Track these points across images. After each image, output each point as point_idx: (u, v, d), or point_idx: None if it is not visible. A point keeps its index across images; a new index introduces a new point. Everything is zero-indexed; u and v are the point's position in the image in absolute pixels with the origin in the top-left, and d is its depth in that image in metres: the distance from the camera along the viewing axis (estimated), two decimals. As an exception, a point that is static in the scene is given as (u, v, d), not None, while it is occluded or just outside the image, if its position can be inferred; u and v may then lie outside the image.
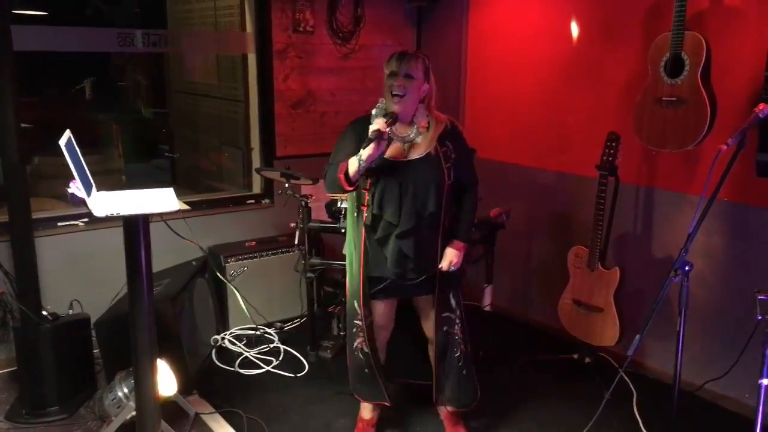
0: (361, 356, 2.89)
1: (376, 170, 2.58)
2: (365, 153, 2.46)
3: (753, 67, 2.98)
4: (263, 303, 4.06)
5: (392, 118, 2.50)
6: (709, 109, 2.97)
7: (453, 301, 2.84)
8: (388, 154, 2.59)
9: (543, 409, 3.27)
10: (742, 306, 3.16)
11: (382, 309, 2.84)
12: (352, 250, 2.78)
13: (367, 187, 2.63)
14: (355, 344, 2.89)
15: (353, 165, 2.50)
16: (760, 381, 2.17)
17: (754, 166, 2.92)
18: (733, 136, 2.34)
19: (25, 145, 3.01)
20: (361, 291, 2.76)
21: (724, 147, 2.32)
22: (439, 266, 2.70)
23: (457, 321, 2.86)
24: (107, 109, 5.74)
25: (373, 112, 2.62)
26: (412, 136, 2.63)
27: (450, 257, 2.70)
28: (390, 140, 2.59)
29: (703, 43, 2.96)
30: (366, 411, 3.05)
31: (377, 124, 2.46)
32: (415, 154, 2.62)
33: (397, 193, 2.58)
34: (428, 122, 2.64)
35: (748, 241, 3.13)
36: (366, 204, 2.65)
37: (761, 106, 2.37)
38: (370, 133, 2.46)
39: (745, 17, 3.03)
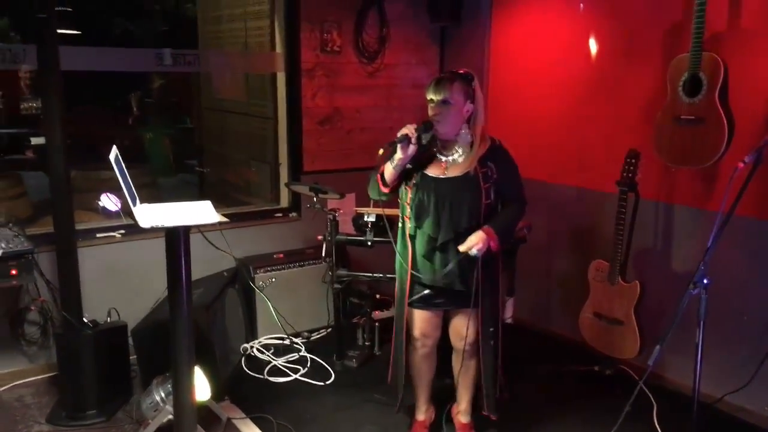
0: (397, 356, 3.02)
1: (417, 185, 2.72)
2: (396, 156, 2.63)
3: (770, 86, 3.06)
4: (290, 313, 4.17)
5: (425, 127, 2.62)
6: (726, 128, 3.05)
7: (494, 315, 2.92)
8: (429, 170, 2.72)
9: (564, 420, 3.33)
10: (760, 319, 3.22)
11: (424, 317, 2.91)
12: (399, 258, 2.90)
13: (408, 202, 2.76)
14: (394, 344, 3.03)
15: (388, 168, 2.68)
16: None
17: (772, 183, 3.00)
18: (750, 154, 2.42)
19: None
20: (405, 297, 2.88)
21: (741, 164, 2.41)
22: (458, 247, 2.68)
23: (498, 333, 2.95)
24: (139, 126, 5.93)
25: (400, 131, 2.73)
26: (454, 156, 2.74)
27: (472, 239, 2.65)
28: (432, 155, 2.72)
29: (721, 63, 3.05)
30: (420, 413, 3.14)
31: (405, 129, 2.61)
32: (455, 173, 2.72)
33: (434, 208, 2.70)
34: (471, 142, 2.73)
35: (765, 255, 3.19)
36: (408, 216, 2.79)
37: (777, 124, 2.45)
38: (397, 137, 2.60)
39: (762, 38, 3.11)
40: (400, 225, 2.88)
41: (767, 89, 3.09)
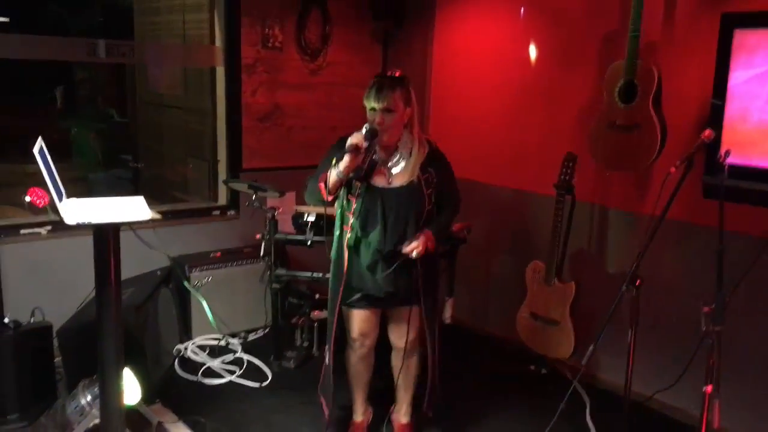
0: (326, 362, 2.98)
1: (361, 195, 2.68)
2: (342, 164, 2.56)
3: (701, 94, 3.17)
4: (227, 313, 4.08)
5: (372, 133, 2.58)
6: (659, 134, 3.15)
7: (431, 314, 2.93)
8: (373, 180, 2.68)
9: (500, 419, 3.37)
10: (689, 319, 3.32)
11: (363, 316, 2.88)
12: (334, 264, 2.86)
13: (351, 211, 2.71)
14: (325, 348, 3.00)
15: (332, 176, 2.60)
16: (704, 388, 2.30)
17: (701, 188, 3.10)
18: (681, 160, 2.50)
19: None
20: (337, 306, 2.84)
21: (673, 169, 2.47)
22: (399, 247, 2.69)
23: (435, 332, 2.95)
24: (70, 119, 5.70)
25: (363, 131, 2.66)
26: (395, 163, 2.71)
27: (414, 242, 2.67)
28: (374, 163, 2.68)
29: (655, 72, 3.14)
30: (358, 414, 3.11)
31: (355, 138, 2.55)
32: (398, 182, 2.70)
33: (380, 219, 2.68)
34: (410, 149, 2.71)
35: (695, 257, 3.31)
36: (350, 226, 2.73)
37: (707, 131, 2.53)
38: (347, 146, 2.55)
39: (693, 48, 3.22)
40: (337, 233, 2.83)
41: (698, 97, 3.19)
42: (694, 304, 3.10)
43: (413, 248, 2.67)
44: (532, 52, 4.01)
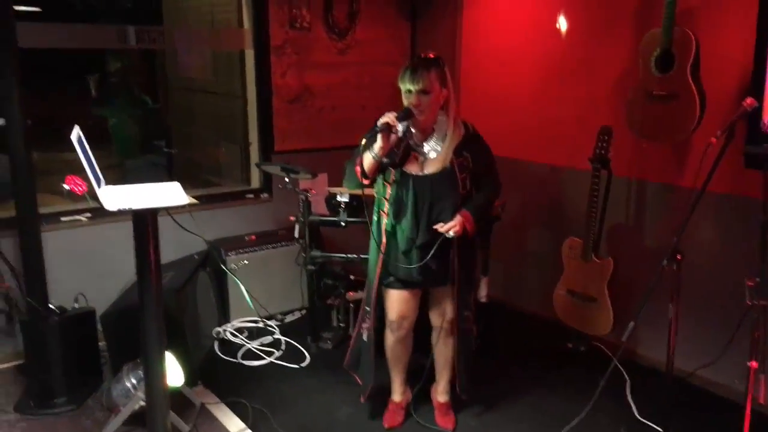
0: (364, 339, 2.99)
1: (396, 182, 2.65)
2: (376, 146, 2.54)
3: (741, 62, 3.07)
4: (264, 296, 4.12)
5: (406, 113, 2.55)
6: (698, 103, 3.06)
7: (465, 295, 2.92)
8: (406, 167, 2.66)
9: (538, 397, 3.36)
10: (732, 293, 3.25)
11: (403, 297, 2.87)
12: (373, 248, 2.86)
13: (386, 196, 2.69)
14: (363, 326, 2.99)
15: (367, 158, 2.58)
16: (748, 363, 2.26)
17: (742, 158, 3.01)
18: (722, 129, 2.43)
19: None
20: (375, 285, 2.85)
21: (714, 140, 2.41)
22: (435, 226, 2.67)
23: (467, 314, 2.95)
24: (104, 106, 5.77)
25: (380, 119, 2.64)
26: (430, 147, 2.68)
27: (450, 222, 2.65)
28: (409, 148, 2.64)
29: (693, 38, 3.04)
30: (396, 394, 3.12)
31: (387, 117, 2.52)
32: (431, 168, 2.68)
33: (413, 208, 2.66)
34: (446, 132, 2.67)
35: (737, 230, 3.23)
36: (386, 212, 2.72)
37: (749, 99, 2.46)
38: (378, 125, 2.51)
39: (733, 13, 3.11)
40: (375, 218, 2.82)
41: (738, 64, 3.09)
42: (737, 277, 3.04)
43: (450, 227, 2.65)
44: (565, 22, 3.92)
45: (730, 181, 3.14)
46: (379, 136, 2.52)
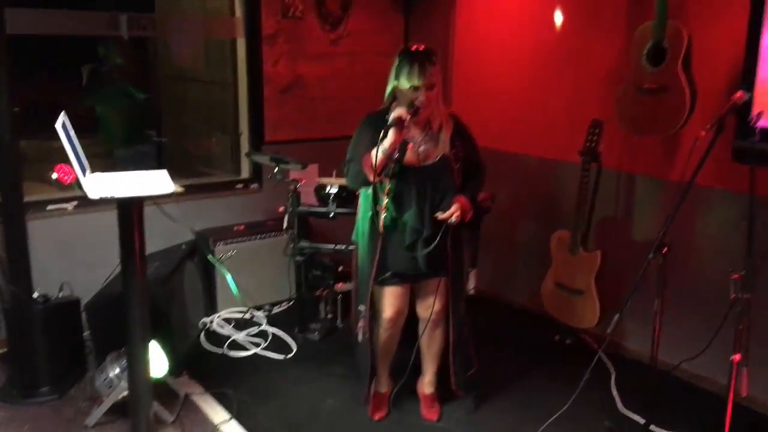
0: (359, 339, 2.98)
1: (394, 175, 2.62)
2: (387, 141, 2.51)
3: (732, 55, 3.06)
4: (251, 286, 4.10)
5: (415, 109, 2.53)
6: (689, 97, 3.05)
7: (459, 284, 2.94)
8: (405, 160, 2.63)
9: (525, 388, 3.36)
10: (717, 287, 3.25)
11: (397, 293, 2.86)
12: (364, 244, 2.84)
13: (386, 191, 2.67)
14: (358, 326, 2.99)
15: (377, 154, 2.53)
16: (731, 357, 2.26)
17: (731, 152, 3.01)
18: (712, 123, 2.42)
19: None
20: (371, 282, 2.83)
21: (703, 133, 2.39)
22: (436, 214, 2.67)
23: (461, 305, 2.96)
24: (95, 94, 5.73)
25: (392, 110, 2.62)
26: (424, 140, 2.68)
27: (452, 209, 2.66)
28: (406, 142, 2.61)
29: (684, 32, 3.03)
30: (382, 385, 3.12)
31: (398, 112, 2.51)
32: (429, 159, 2.68)
33: (416, 200, 2.66)
34: (440, 124, 2.68)
35: (725, 224, 3.22)
36: (385, 206, 2.69)
37: (739, 93, 2.45)
38: (391, 120, 2.49)
39: (725, 7, 3.10)
40: (369, 214, 2.78)
41: (729, 58, 3.08)
42: (723, 271, 3.05)
43: (452, 213, 2.64)
44: (557, 15, 3.90)
45: (719, 174, 3.13)
46: (391, 131, 2.50)
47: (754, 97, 2.89)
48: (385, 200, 2.69)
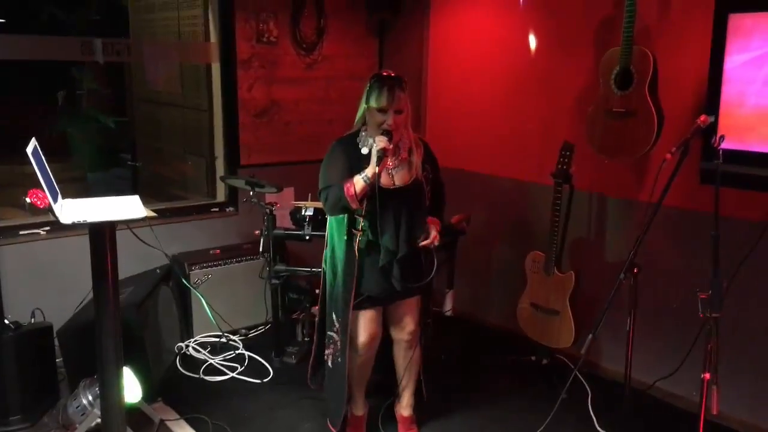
0: (329, 365, 2.96)
1: (370, 198, 2.64)
2: (370, 170, 2.57)
3: (696, 79, 3.15)
4: (228, 310, 4.08)
5: (390, 135, 2.58)
6: (656, 120, 3.13)
7: (427, 306, 3.01)
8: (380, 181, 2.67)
9: (501, 409, 3.37)
10: (689, 306, 3.30)
11: (372, 317, 2.86)
12: (338, 268, 2.83)
13: (363, 214, 2.69)
14: (326, 353, 2.97)
15: (359, 184, 2.58)
16: (702, 375, 2.30)
17: (698, 174, 3.09)
18: (677, 146, 2.49)
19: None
20: (349, 307, 2.80)
21: (669, 156, 2.47)
22: (419, 240, 2.73)
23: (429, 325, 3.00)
24: (68, 118, 5.71)
25: (364, 138, 2.69)
26: (398, 164, 2.72)
27: (432, 234, 2.75)
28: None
29: (650, 57, 3.11)
30: (358, 409, 3.10)
31: (381, 142, 2.55)
32: (401, 181, 2.72)
33: (392, 222, 2.68)
34: (410, 148, 2.73)
35: (694, 244, 3.29)
36: (361, 229, 2.72)
37: (703, 117, 2.53)
38: (376, 152, 2.55)
39: (689, 31, 3.20)
40: (344, 238, 2.78)
41: (694, 82, 3.17)
42: (693, 291, 3.11)
43: (434, 239, 2.74)
44: (528, 40, 3.98)
45: (687, 196, 3.21)
46: (376, 162, 2.55)
47: (719, 120, 2.98)
48: (361, 223, 2.71)
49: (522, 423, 3.18)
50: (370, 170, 2.57)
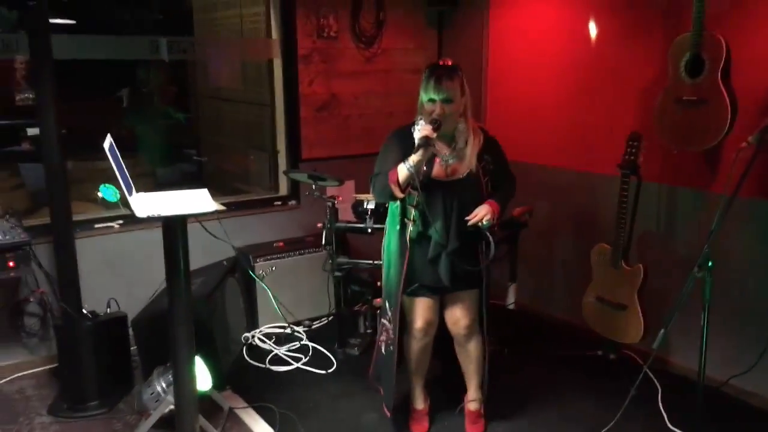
0: (383, 352, 2.99)
1: (421, 188, 2.64)
2: (414, 158, 2.55)
3: (773, 65, 3.02)
4: (291, 302, 4.15)
5: (438, 124, 2.57)
6: (729, 108, 3.01)
7: (486, 300, 2.95)
8: (433, 173, 2.67)
9: (568, 405, 3.32)
10: (764, 301, 3.19)
11: (428, 304, 2.87)
12: (391, 257, 2.86)
13: (414, 204, 2.70)
14: (381, 338, 3.00)
15: (402, 171, 2.57)
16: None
17: (776, 164, 2.96)
18: (754, 134, 2.39)
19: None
20: (399, 296, 2.83)
21: (744, 144, 2.38)
22: (466, 218, 2.69)
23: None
24: (135, 115, 5.88)
25: (416, 127, 2.65)
26: (452, 155, 2.70)
27: (481, 211, 2.68)
28: (433, 156, 2.66)
29: (723, 42, 3.00)
30: (419, 402, 3.12)
31: (425, 130, 2.54)
32: (457, 174, 2.70)
33: (442, 214, 2.68)
34: (466, 139, 2.70)
35: (771, 237, 3.17)
36: (412, 219, 2.73)
37: (781, 104, 2.42)
38: (418, 140, 2.54)
39: (763, 16, 3.06)
40: (397, 228, 2.81)
41: (770, 68, 3.05)
42: (770, 284, 3.00)
43: (482, 216, 2.66)
44: (593, 28, 3.90)
45: (762, 186, 3.08)
46: (420, 150, 2.54)
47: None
48: (413, 213, 2.72)
49: (590, 419, 3.13)
50: (415, 158, 2.55)
